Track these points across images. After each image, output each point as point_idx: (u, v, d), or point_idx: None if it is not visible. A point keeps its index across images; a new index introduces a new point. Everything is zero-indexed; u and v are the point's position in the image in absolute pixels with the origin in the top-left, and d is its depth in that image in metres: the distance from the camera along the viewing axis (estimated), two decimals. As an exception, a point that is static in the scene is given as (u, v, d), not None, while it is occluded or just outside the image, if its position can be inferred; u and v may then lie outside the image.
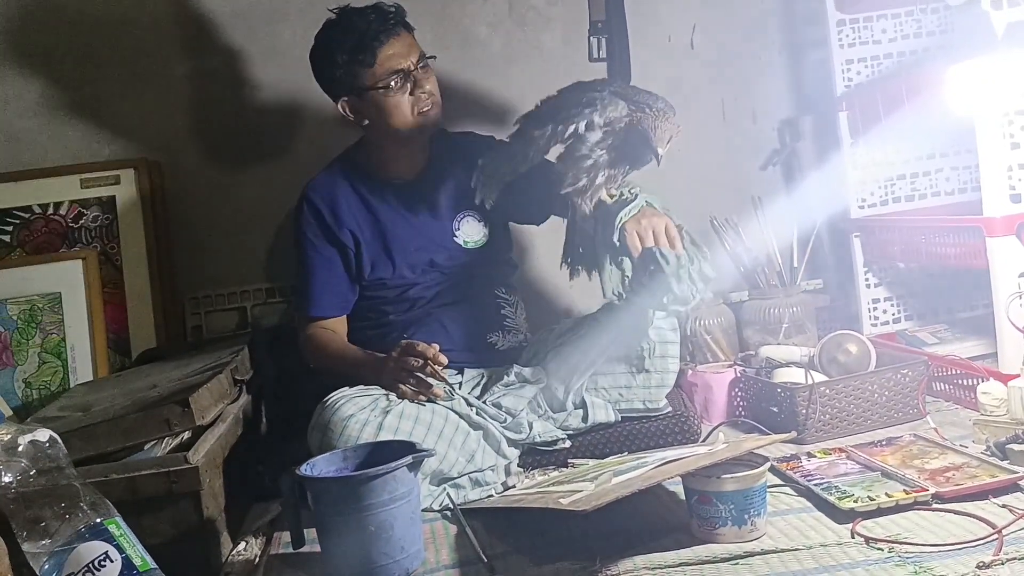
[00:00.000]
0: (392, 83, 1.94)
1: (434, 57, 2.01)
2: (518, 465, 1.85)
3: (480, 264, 2.07)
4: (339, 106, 2.01)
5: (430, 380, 1.80)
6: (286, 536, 1.57)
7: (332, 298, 2.03)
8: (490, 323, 2.04)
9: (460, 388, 1.92)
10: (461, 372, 1.98)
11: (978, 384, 1.81)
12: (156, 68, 2.41)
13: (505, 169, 1.89)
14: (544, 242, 2.40)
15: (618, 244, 1.79)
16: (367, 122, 2.00)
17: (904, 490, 1.47)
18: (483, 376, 1.99)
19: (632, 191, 1.86)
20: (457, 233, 2.05)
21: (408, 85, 1.95)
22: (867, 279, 2.39)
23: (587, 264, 1.93)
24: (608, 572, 1.34)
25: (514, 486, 1.78)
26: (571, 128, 1.79)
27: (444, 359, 1.79)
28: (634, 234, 1.77)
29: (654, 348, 1.89)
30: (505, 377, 1.94)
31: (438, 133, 2.06)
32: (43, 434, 1.32)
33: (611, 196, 1.85)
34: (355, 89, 1.96)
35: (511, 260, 2.19)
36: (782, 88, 2.61)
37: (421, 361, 1.79)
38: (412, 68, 1.95)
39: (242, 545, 1.61)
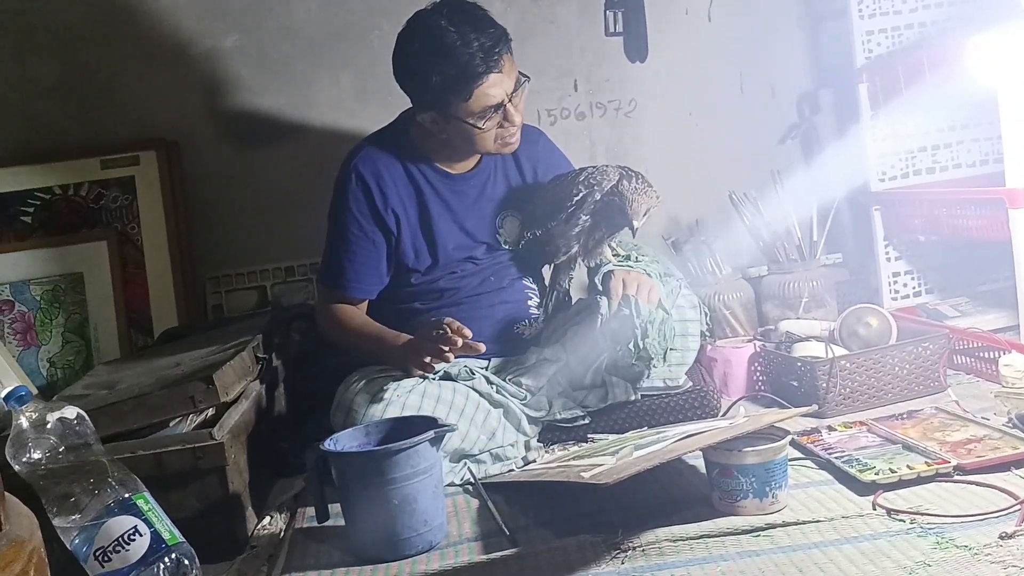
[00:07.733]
0: (484, 119, 1.83)
1: (528, 79, 1.88)
2: (538, 441, 1.86)
3: (514, 261, 2.04)
4: (419, 117, 1.90)
5: (449, 353, 1.72)
6: (310, 511, 1.58)
7: (367, 281, 1.95)
8: (519, 314, 2.01)
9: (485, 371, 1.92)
10: (488, 361, 1.97)
11: (999, 356, 1.80)
12: (173, 48, 2.42)
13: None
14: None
15: (599, 286, 1.91)
16: (444, 136, 1.90)
17: (926, 462, 1.47)
18: (507, 363, 1.99)
19: (637, 255, 1.95)
20: (500, 231, 2.01)
21: (499, 117, 1.85)
22: (887, 252, 2.38)
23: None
24: (630, 544, 1.35)
25: (534, 461, 1.79)
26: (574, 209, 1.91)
27: (468, 332, 1.73)
28: (619, 280, 1.86)
29: (656, 341, 1.87)
30: (527, 363, 1.93)
31: None
32: (71, 411, 1.33)
33: (615, 256, 1.97)
34: (442, 111, 1.85)
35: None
36: (801, 60, 2.59)
37: (445, 332, 1.72)
38: (507, 100, 1.83)
39: (267, 520, 1.63)
